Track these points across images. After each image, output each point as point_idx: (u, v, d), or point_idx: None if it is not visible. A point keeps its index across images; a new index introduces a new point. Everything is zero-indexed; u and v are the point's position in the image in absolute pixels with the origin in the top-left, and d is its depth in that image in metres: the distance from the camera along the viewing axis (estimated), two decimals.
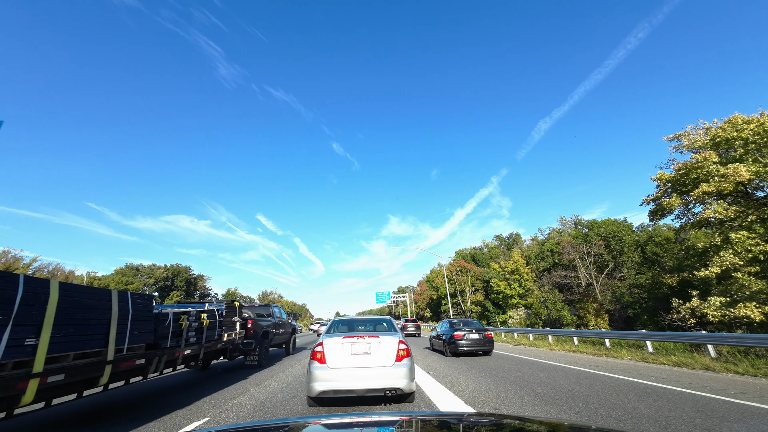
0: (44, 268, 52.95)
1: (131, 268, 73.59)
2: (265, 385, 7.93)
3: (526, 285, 47.10)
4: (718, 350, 10.62)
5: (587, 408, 5.53)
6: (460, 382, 8.11)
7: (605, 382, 7.85)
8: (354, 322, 6.99)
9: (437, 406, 5.93)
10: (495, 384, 7.73)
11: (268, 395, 6.86)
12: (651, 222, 18.47)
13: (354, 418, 1.93)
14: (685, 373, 8.99)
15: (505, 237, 74.97)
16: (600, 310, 35.38)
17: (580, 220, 55.53)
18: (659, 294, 27.89)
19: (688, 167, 15.26)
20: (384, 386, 5.24)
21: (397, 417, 1.89)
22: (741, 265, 14.90)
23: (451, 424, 1.73)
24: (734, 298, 15.65)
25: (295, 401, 6.24)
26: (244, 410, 5.76)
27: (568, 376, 8.73)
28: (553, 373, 9.27)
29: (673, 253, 34.82)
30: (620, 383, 7.62)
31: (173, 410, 5.92)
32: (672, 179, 16.20)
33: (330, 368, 5.34)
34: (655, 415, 5.06)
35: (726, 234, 15.96)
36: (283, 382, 8.34)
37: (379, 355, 5.48)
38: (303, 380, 8.11)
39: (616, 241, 44.30)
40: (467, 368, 10.30)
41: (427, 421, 1.79)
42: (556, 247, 51.70)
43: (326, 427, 1.71)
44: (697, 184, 15.21)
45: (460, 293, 58.00)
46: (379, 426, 1.71)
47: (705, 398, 6.03)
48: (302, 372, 9.64)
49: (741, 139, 14.55)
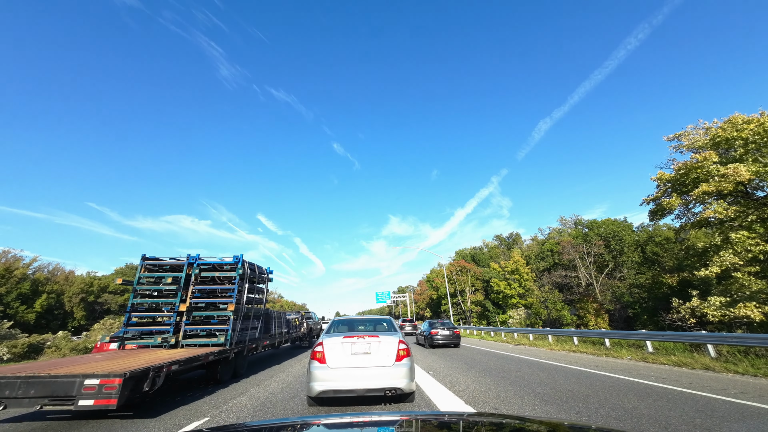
0: (44, 268, 52.91)
1: (131, 267, 73.39)
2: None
3: (526, 285, 47.12)
4: (718, 350, 10.61)
5: (587, 408, 5.53)
6: (460, 381, 8.11)
7: (605, 382, 7.84)
8: (354, 322, 7.01)
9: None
10: (495, 384, 7.73)
11: (300, 369, 6.88)
12: (651, 222, 18.47)
13: (354, 418, 1.93)
14: (685, 373, 8.99)
15: (505, 237, 74.94)
16: (600, 310, 35.38)
17: (580, 220, 55.54)
18: (659, 294, 27.90)
19: (688, 167, 15.24)
20: (384, 386, 5.22)
21: (397, 417, 1.90)
22: (741, 265, 14.89)
23: (451, 424, 1.73)
24: (734, 298, 15.64)
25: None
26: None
27: (567, 376, 8.73)
28: (553, 372, 9.27)
29: (673, 253, 34.80)
30: (620, 383, 7.62)
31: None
32: (672, 179, 16.19)
33: (330, 368, 5.31)
34: (655, 414, 5.05)
35: (726, 234, 15.94)
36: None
37: (379, 355, 5.46)
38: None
39: (616, 241, 44.30)
40: (468, 367, 10.30)
41: (427, 421, 1.80)
42: (556, 247, 51.68)
43: (326, 427, 1.72)
44: (697, 184, 15.18)
45: (460, 293, 58.00)
46: (379, 426, 1.72)
47: (705, 398, 6.03)
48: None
49: (741, 139, 14.54)
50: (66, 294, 49.91)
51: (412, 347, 14.96)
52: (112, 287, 60.52)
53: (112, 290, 60.09)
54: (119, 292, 61.31)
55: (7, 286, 41.51)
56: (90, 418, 5.66)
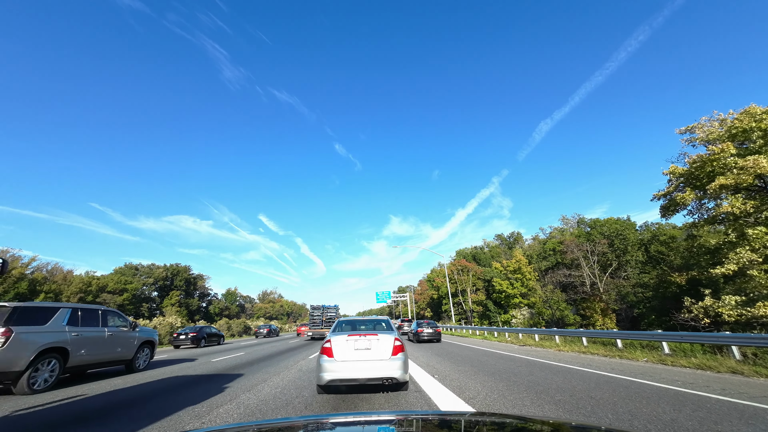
0: (43, 268, 52.24)
1: (130, 267, 72.90)
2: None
3: (529, 284, 46.43)
4: (742, 352, 9.95)
5: (618, 419, 4.86)
6: (470, 387, 7.45)
7: (628, 387, 7.19)
8: (356, 322, 7.68)
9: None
10: (509, 390, 7.07)
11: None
12: (662, 218, 17.74)
13: (354, 418, 1.90)
14: (711, 377, 8.33)
15: (507, 236, 74.31)
16: (607, 309, 34.63)
17: (583, 219, 54.84)
18: (667, 293, 27.20)
19: (704, 159, 14.53)
20: (382, 376, 6.01)
21: (397, 416, 1.84)
22: (759, 262, 14.21)
23: (451, 423, 1.69)
24: (751, 297, 14.98)
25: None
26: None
27: (585, 380, 8.06)
28: (568, 376, 8.61)
29: (679, 252, 34.13)
30: (646, 389, 6.95)
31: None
32: (686, 173, 15.48)
33: (337, 361, 6.09)
34: (700, 429, 4.40)
35: (741, 230, 15.28)
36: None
37: (378, 350, 6.23)
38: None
39: (619, 240, 43.63)
40: (476, 371, 9.64)
41: (427, 420, 1.76)
42: (558, 246, 50.99)
43: (327, 426, 1.69)
44: (713, 178, 14.49)
45: (461, 293, 57.31)
46: (379, 425, 1.69)
47: (750, 408, 5.36)
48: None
49: (760, 130, 13.84)
50: (64, 294, 49.27)
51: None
52: (111, 287, 59.93)
53: (110, 290, 59.47)
54: (117, 292, 60.69)
55: (5, 286, 40.84)
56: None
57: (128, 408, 6.11)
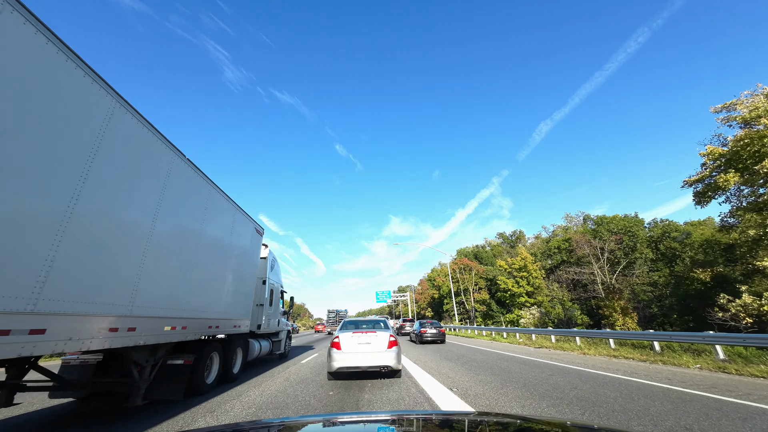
0: None
1: None
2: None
3: (535, 282, 44.68)
4: None
5: None
6: (500, 404, 5.64)
7: (711, 405, 5.43)
8: (359, 322, 8.80)
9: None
10: (560, 414, 5.26)
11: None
12: (697, 205, 16.00)
13: (354, 417, 1.89)
14: None
15: (509, 235, 72.56)
16: (627, 308, 32.80)
17: (588, 215, 53.14)
18: (690, 290, 25.41)
19: (751, 136, 12.74)
20: (380, 364, 7.49)
21: (397, 416, 1.81)
22: None
23: (453, 423, 1.66)
24: None
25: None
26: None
27: (648, 396, 6.25)
28: (627, 392, 6.78)
29: (694, 247, 32.42)
30: (741, 410, 5.15)
31: None
32: (729, 153, 13.69)
33: (344, 352, 7.57)
34: None
35: None
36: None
37: (377, 344, 7.68)
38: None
39: (628, 237, 41.92)
40: (503, 382, 7.83)
41: (428, 420, 1.74)
42: (564, 243, 49.23)
43: (326, 425, 1.69)
44: (762, 158, 12.73)
45: (463, 292, 55.52)
46: (378, 425, 1.68)
47: None
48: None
49: None
50: None
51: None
52: None
53: None
54: None
55: None
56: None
57: None
